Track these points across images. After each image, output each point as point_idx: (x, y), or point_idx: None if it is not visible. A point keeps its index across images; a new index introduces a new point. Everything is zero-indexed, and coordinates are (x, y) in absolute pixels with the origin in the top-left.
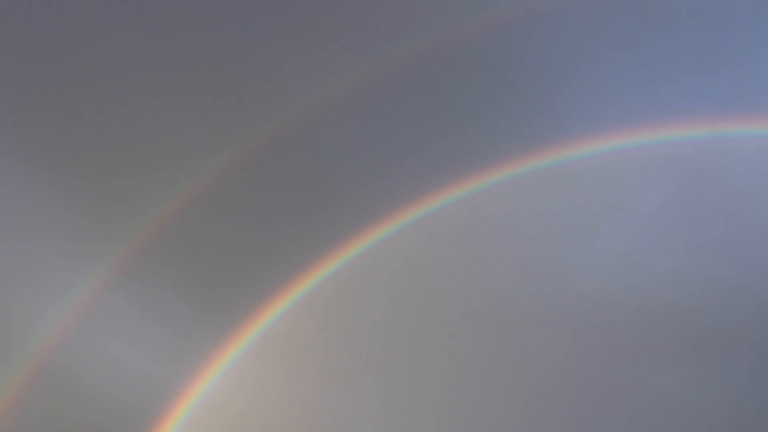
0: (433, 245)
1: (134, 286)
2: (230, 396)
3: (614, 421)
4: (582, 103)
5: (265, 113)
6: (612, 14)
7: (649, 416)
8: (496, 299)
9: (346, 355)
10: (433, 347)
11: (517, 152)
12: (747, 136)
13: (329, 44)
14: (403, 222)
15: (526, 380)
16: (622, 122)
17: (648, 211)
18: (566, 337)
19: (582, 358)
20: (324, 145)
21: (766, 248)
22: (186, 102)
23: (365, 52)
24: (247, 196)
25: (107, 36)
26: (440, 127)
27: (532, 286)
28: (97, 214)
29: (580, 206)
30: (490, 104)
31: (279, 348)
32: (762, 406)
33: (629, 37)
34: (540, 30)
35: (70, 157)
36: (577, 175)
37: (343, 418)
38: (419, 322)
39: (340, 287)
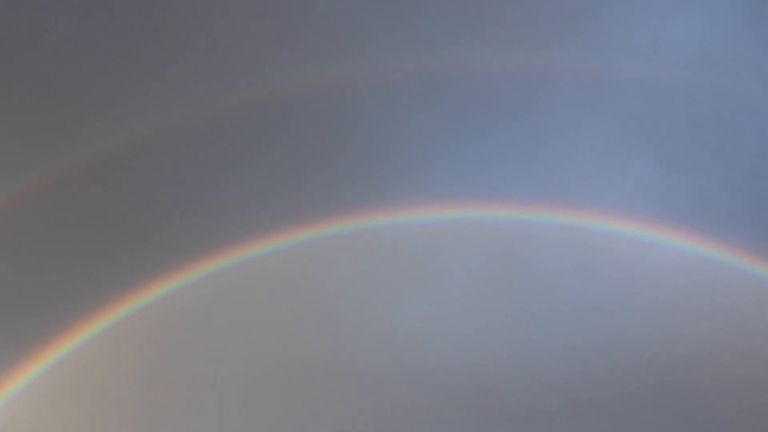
0: (244, 292)
1: None
2: (13, 423)
3: None
4: (410, 173)
5: (87, 138)
6: (450, 97)
7: None
8: (302, 353)
9: (141, 394)
10: (228, 394)
11: (341, 211)
12: (553, 225)
13: (169, 75)
14: (216, 267)
15: None
16: (444, 196)
17: (458, 283)
18: (368, 399)
19: (381, 420)
20: (138, 180)
21: (560, 332)
22: None
23: (206, 90)
24: (53, 221)
25: None
26: (268, 176)
27: (340, 344)
28: None
29: (395, 271)
30: (321, 161)
31: (72, 381)
32: None
33: (462, 120)
34: (380, 96)
35: None
36: (396, 241)
37: None
38: (218, 368)
39: (144, 326)
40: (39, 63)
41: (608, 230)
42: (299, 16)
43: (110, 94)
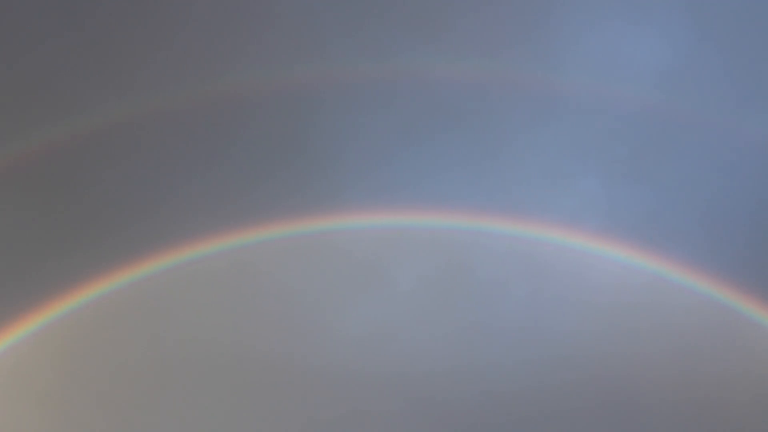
0: (193, 291)
1: None
2: None
3: None
4: (362, 177)
5: (38, 129)
6: (404, 103)
7: None
8: (251, 353)
9: (77, 390)
10: (173, 395)
11: (293, 213)
12: (500, 235)
13: (129, 72)
14: (166, 265)
15: None
16: (394, 202)
17: (406, 290)
18: (314, 401)
19: (327, 424)
20: (89, 177)
21: (505, 343)
22: None
23: (164, 89)
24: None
25: None
26: (222, 176)
27: (289, 346)
28: None
29: (346, 275)
30: (276, 163)
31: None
32: None
33: (414, 126)
34: (336, 100)
35: None
36: (347, 245)
37: None
38: (163, 368)
39: (88, 323)
40: None
41: (555, 242)
42: (259, 18)
43: (69, 87)
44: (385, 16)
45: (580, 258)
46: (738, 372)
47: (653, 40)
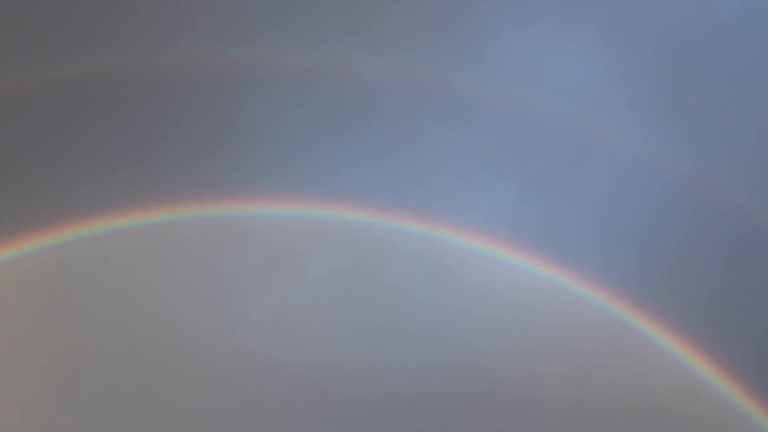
0: (99, 266)
1: None
2: None
3: None
4: (281, 165)
5: None
6: (328, 94)
7: None
8: (149, 331)
9: None
10: (69, 373)
11: (208, 195)
12: (411, 235)
13: (49, 42)
14: (70, 238)
15: None
16: (309, 192)
17: (313, 282)
18: (209, 384)
19: (222, 406)
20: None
21: (408, 343)
22: None
23: (84, 61)
24: None
25: None
26: (138, 152)
27: (189, 326)
28: None
29: (253, 261)
30: (192, 144)
31: None
32: None
33: (335, 119)
34: (260, 88)
35: None
36: (258, 231)
37: None
38: (57, 344)
39: None
40: None
41: (464, 246)
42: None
43: None
44: (315, 7)
45: (486, 263)
46: (625, 382)
47: (576, 57)
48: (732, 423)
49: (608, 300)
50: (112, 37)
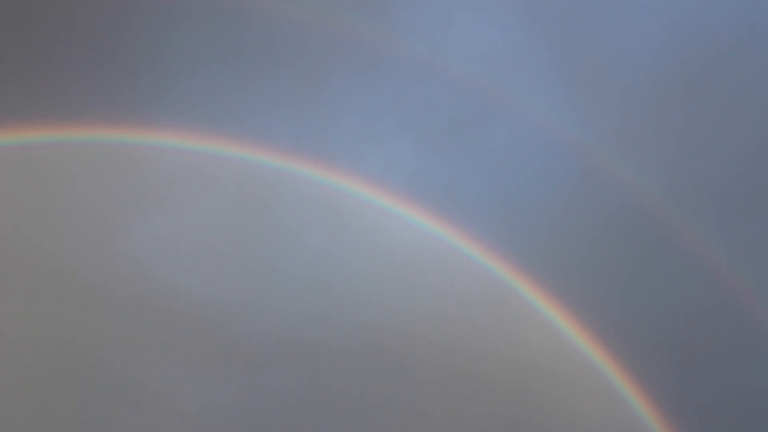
0: None
1: None
2: None
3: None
4: (179, 98)
5: None
6: (237, 32)
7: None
8: (22, 254)
9: None
10: None
11: (96, 117)
12: (306, 179)
13: None
14: None
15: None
16: (207, 128)
17: (202, 215)
18: (85, 316)
19: (99, 340)
20: None
21: (292, 285)
22: None
23: None
24: None
25: None
26: (22, 65)
27: (65, 254)
28: None
29: (139, 192)
30: (84, 59)
31: None
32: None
33: (242, 57)
34: (169, 17)
35: None
36: (147, 161)
37: None
38: None
39: None
40: None
41: (359, 196)
42: None
43: None
44: None
45: (378, 217)
46: (501, 349)
47: (487, 18)
48: (597, 386)
49: (495, 263)
50: None
